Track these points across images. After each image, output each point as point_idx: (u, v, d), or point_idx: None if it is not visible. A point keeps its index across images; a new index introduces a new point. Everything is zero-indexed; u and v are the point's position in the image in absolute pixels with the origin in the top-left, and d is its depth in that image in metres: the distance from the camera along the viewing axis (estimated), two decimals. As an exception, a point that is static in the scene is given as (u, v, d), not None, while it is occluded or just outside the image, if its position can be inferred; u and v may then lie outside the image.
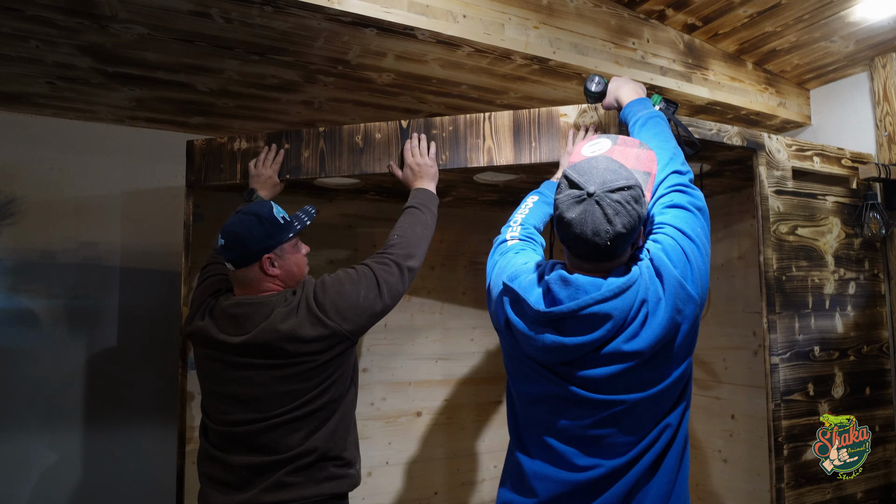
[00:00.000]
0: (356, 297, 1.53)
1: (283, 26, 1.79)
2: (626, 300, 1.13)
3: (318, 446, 1.53)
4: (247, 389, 1.53)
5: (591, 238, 1.12)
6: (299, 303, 1.52)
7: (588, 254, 1.15)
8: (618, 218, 1.11)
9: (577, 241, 1.14)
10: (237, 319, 1.53)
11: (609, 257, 1.16)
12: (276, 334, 1.49)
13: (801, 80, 2.66)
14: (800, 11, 2.14)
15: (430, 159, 1.83)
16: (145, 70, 2.05)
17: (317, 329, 1.49)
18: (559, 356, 1.17)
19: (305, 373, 1.52)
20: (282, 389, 1.52)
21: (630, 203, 1.12)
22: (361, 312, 1.54)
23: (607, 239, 1.11)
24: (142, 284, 2.51)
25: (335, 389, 1.57)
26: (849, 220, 2.21)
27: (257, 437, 1.52)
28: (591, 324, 1.13)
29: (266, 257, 1.55)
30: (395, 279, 1.59)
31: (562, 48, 2.08)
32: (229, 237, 1.54)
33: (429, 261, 2.84)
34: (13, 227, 2.34)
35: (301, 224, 1.63)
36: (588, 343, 1.14)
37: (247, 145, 1.95)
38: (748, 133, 1.98)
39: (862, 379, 2.15)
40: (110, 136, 2.52)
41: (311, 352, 1.50)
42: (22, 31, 1.78)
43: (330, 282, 1.56)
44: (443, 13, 1.86)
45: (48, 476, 2.31)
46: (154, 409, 2.49)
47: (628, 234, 1.13)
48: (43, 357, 2.35)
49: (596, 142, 1.31)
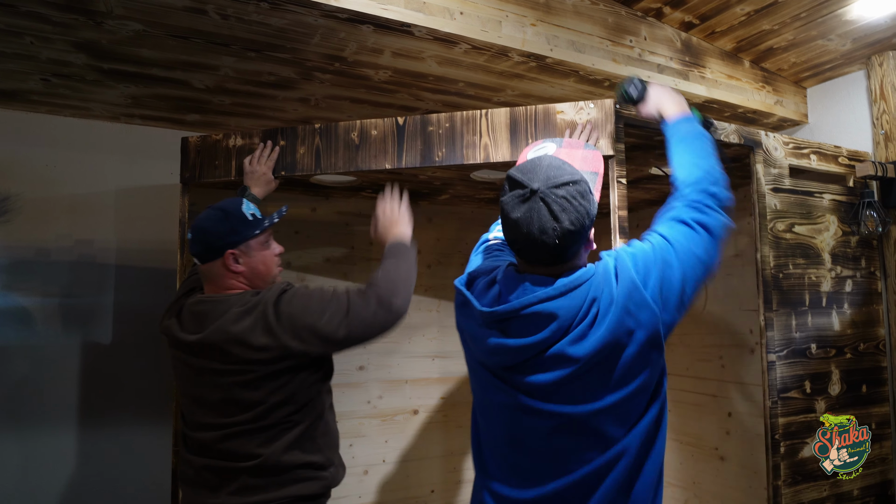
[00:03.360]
0: (317, 319, 1.45)
1: (279, 23, 1.78)
2: (573, 299, 1.06)
3: (280, 456, 1.47)
4: (205, 392, 1.51)
5: (538, 237, 1.05)
6: (256, 305, 1.46)
7: (537, 256, 1.09)
8: (564, 214, 1.05)
9: (525, 243, 1.07)
10: (197, 317, 1.51)
11: (559, 258, 1.09)
12: (225, 335, 1.44)
13: (799, 78, 2.66)
14: (797, 9, 2.14)
15: (405, 210, 1.75)
16: (141, 67, 2.04)
17: (266, 338, 1.43)
18: (504, 359, 1.11)
19: (255, 381, 1.46)
20: (233, 396, 1.47)
21: (577, 198, 1.06)
22: (316, 335, 1.45)
23: (555, 237, 1.05)
24: (137, 282, 2.50)
25: (296, 401, 1.50)
26: (845, 218, 2.21)
27: (216, 444, 1.49)
28: (535, 324, 1.07)
29: (229, 253, 1.53)
30: (368, 313, 1.46)
31: (559, 45, 2.07)
32: (195, 231, 1.54)
33: (425, 258, 2.83)
34: (7, 224, 2.32)
35: (269, 221, 1.60)
36: (531, 345, 1.07)
37: (242, 142, 1.94)
38: (745, 131, 1.97)
39: (858, 376, 2.15)
40: (105, 133, 2.51)
41: (259, 360, 1.44)
42: (16, 27, 1.76)
43: (300, 294, 1.49)
44: (440, 10, 1.85)
45: (42, 474, 2.30)
46: (149, 406, 2.48)
47: (577, 232, 1.07)
48: (37, 355, 2.33)
49: (541, 146, 1.28)
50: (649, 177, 2.38)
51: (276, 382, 1.47)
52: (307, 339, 1.45)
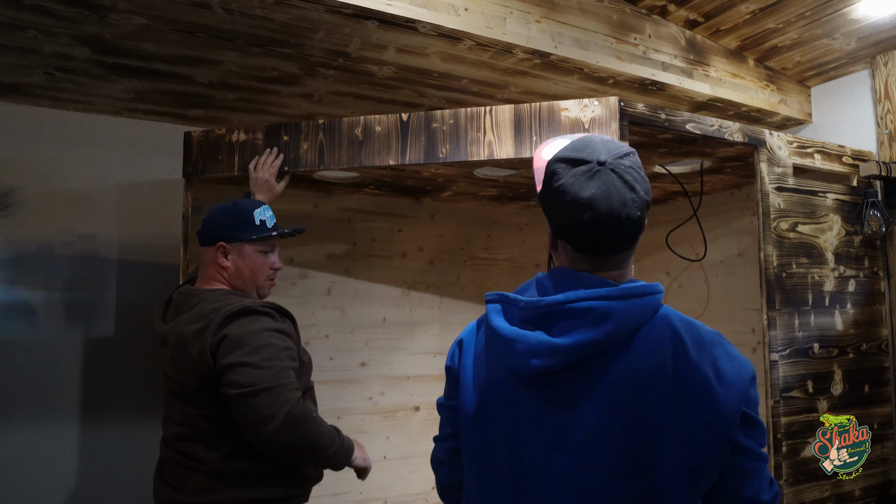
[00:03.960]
0: (238, 358, 1.36)
1: (283, 18, 1.78)
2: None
3: (226, 463, 1.44)
4: (170, 385, 1.52)
5: (619, 211, 0.91)
6: (213, 313, 1.43)
7: (616, 240, 0.95)
8: (638, 185, 0.94)
9: (603, 224, 0.92)
10: (175, 307, 1.56)
11: (633, 242, 0.98)
12: (177, 334, 1.45)
13: (803, 77, 2.66)
14: (802, 8, 2.13)
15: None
16: (144, 61, 2.04)
17: (197, 347, 1.40)
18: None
19: (189, 394, 1.45)
20: (180, 402, 1.47)
21: (640, 169, 0.97)
22: (221, 371, 1.38)
23: (636, 209, 0.93)
24: (139, 277, 2.50)
25: (232, 419, 1.44)
26: (849, 218, 2.21)
27: (175, 441, 1.51)
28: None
29: (220, 245, 1.56)
30: (271, 411, 1.33)
31: (563, 43, 2.07)
32: (206, 215, 1.60)
33: (428, 256, 2.83)
34: (10, 218, 2.32)
35: (272, 233, 1.59)
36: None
37: (245, 137, 1.93)
38: (749, 129, 1.97)
39: (861, 376, 2.15)
40: (108, 127, 2.50)
41: (189, 370, 1.42)
42: (20, 21, 1.76)
43: (256, 329, 1.41)
44: (444, 6, 1.85)
45: (44, 469, 2.30)
46: (151, 401, 2.47)
47: (648, 207, 0.96)
48: (39, 349, 2.33)
49: (555, 143, 1.19)
50: (653, 175, 2.38)
51: (203, 398, 1.44)
52: (218, 366, 1.38)
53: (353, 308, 2.65)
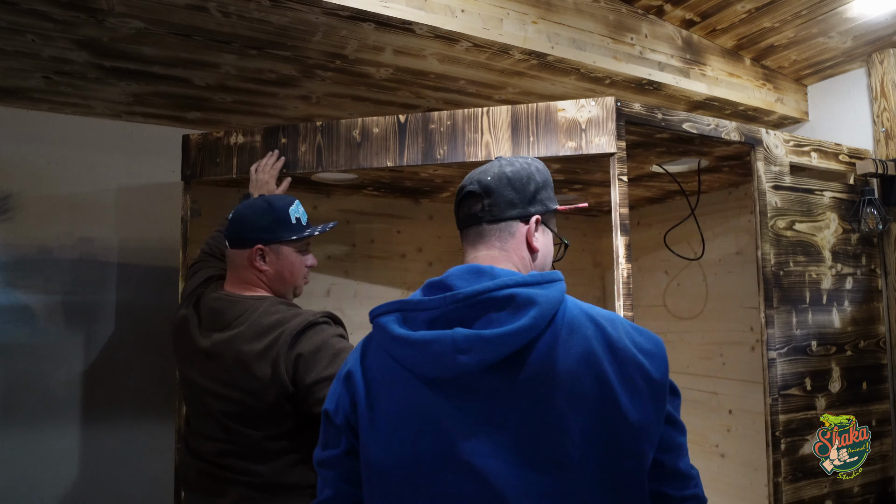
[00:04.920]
0: (318, 373, 1.35)
1: (280, 20, 1.78)
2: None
3: (282, 476, 1.41)
4: (208, 401, 1.45)
5: (473, 178, 1.04)
6: (275, 327, 1.38)
7: (466, 203, 1.04)
8: (511, 167, 1.03)
9: (460, 190, 1.04)
10: (213, 315, 1.47)
11: (492, 211, 1.02)
12: (235, 354, 1.38)
13: (799, 76, 2.67)
14: (798, 7, 2.14)
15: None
16: (142, 65, 2.04)
17: (269, 368, 1.36)
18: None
19: (253, 418, 1.39)
20: (232, 424, 1.41)
21: (528, 165, 1.05)
22: (305, 387, 1.36)
23: (491, 178, 1.02)
24: (139, 280, 2.51)
25: (297, 434, 1.42)
26: (846, 216, 2.21)
27: (215, 457, 1.44)
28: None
29: (258, 248, 1.48)
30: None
31: (560, 43, 2.07)
32: (235, 214, 1.50)
33: (427, 256, 2.84)
34: (9, 222, 2.32)
35: (311, 232, 1.55)
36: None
37: (243, 139, 1.94)
38: (746, 128, 1.98)
39: (859, 374, 2.16)
40: (107, 131, 2.51)
41: (255, 390, 1.37)
42: (17, 25, 1.76)
43: (324, 340, 1.39)
44: (441, 8, 1.86)
45: (44, 471, 2.31)
46: (151, 404, 2.48)
47: (521, 183, 1.03)
48: (39, 353, 2.34)
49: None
50: (650, 174, 2.39)
51: (273, 419, 1.40)
52: (301, 387, 1.35)
53: (353, 309, 2.65)
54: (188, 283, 1.69)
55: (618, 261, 1.67)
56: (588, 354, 0.88)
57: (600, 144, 1.72)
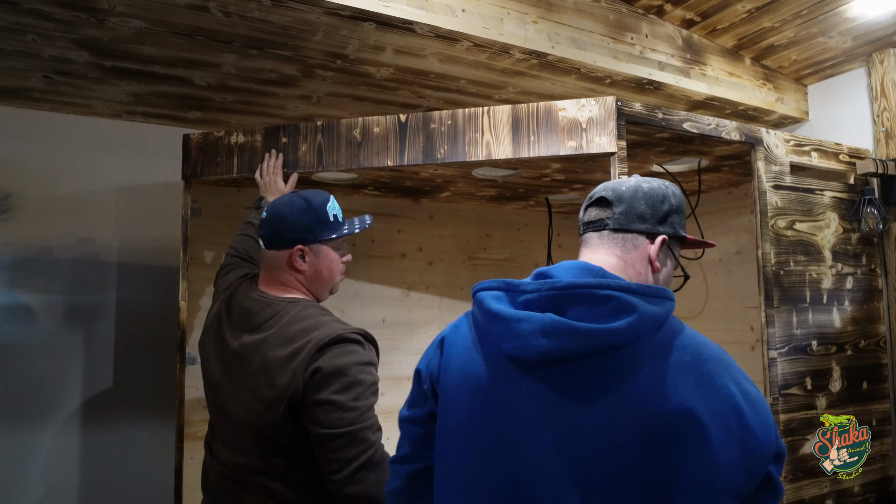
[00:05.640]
0: (335, 396, 1.29)
1: (281, 20, 1.78)
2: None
3: (299, 493, 1.36)
4: (231, 408, 1.40)
5: (608, 186, 1.06)
6: (304, 334, 1.33)
7: (594, 211, 1.06)
8: (647, 184, 1.06)
9: (591, 195, 1.09)
10: (244, 314, 1.42)
11: (614, 224, 1.03)
12: (262, 360, 1.33)
13: (799, 75, 2.67)
14: (798, 7, 2.14)
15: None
16: (143, 64, 2.05)
17: (287, 377, 1.30)
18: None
19: (269, 431, 1.33)
20: (252, 435, 1.35)
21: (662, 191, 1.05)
22: (319, 406, 1.30)
23: (626, 189, 1.04)
24: (139, 280, 2.51)
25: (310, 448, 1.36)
26: (846, 215, 2.22)
27: (236, 468, 1.40)
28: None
29: (298, 248, 1.43)
30: (364, 448, 1.28)
31: (560, 43, 2.08)
32: (272, 213, 1.43)
33: (427, 256, 2.84)
34: (9, 222, 2.33)
35: (350, 229, 1.51)
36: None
37: (243, 139, 1.94)
38: (746, 128, 1.98)
39: (859, 373, 2.16)
40: (107, 130, 2.51)
41: (274, 399, 1.31)
42: (18, 25, 1.77)
43: (350, 361, 1.32)
44: (441, 7, 1.86)
45: (45, 472, 2.31)
46: (152, 404, 2.48)
47: (653, 205, 1.03)
48: (40, 353, 2.34)
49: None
50: (650, 174, 2.39)
51: (274, 437, 1.34)
52: (306, 400, 1.30)
53: (353, 309, 2.65)
54: (221, 281, 1.63)
55: (618, 260, 1.67)
56: (677, 381, 0.82)
57: (601, 144, 1.72)
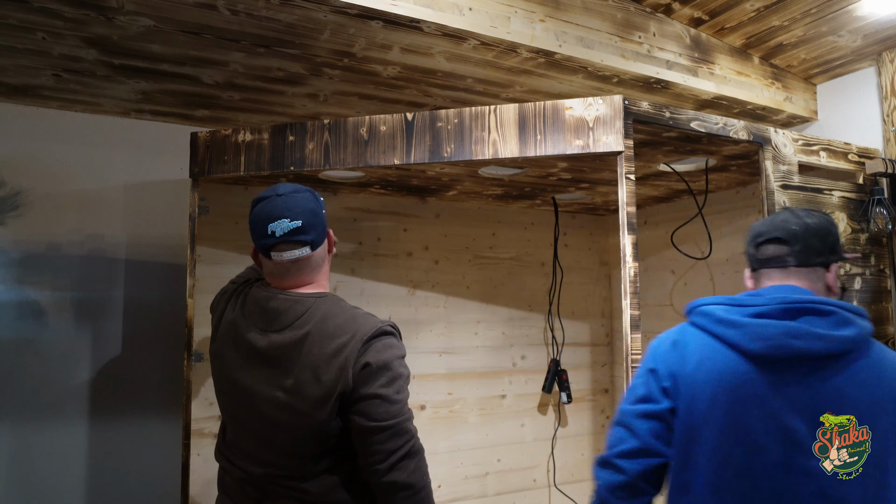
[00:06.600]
0: (381, 390, 1.32)
1: (289, 18, 1.79)
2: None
3: (328, 497, 1.36)
4: (251, 414, 1.38)
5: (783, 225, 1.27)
6: (350, 325, 1.34)
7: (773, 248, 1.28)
8: (810, 219, 1.26)
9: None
10: (269, 315, 1.38)
11: (797, 257, 1.25)
12: (307, 357, 1.31)
13: (808, 74, 2.65)
14: (807, 5, 2.13)
15: None
16: (151, 62, 2.06)
17: (335, 373, 1.30)
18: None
19: (310, 433, 1.33)
20: (282, 439, 1.34)
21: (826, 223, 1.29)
22: (366, 400, 1.32)
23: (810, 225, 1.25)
24: (147, 277, 2.52)
25: (348, 447, 1.37)
26: (855, 215, 2.20)
27: (259, 477, 1.37)
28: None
29: (329, 233, 1.45)
30: (405, 439, 1.32)
31: (568, 41, 2.07)
32: (303, 215, 1.35)
33: (433, 255, 2.84)
34: (19, 219, 2.34)
35: None
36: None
37: (251, 137, 1.95)
38: (754, 127, 1.97)
39: (867, 374, 2.14)
40: (116, 128, 2.52)
41: (320, 398, 1.31)
42: (28, 23, 1.78)
43: (394, 354, 1.37)
44: (449, 6, 1.86)
45: (52, 467, 2.33)
46: (159, 400, 2.50)
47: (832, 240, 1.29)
48: (48, 349, 2.36)
49: None
50: (657, 173, 2.38)
51: (320, 435, 1.34)
52: (355, 394, 1.31)
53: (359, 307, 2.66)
54: (223, 292, 1.60)
55: (625, 260, 1.67)
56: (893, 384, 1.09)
57: (608, 143, 1.72)
